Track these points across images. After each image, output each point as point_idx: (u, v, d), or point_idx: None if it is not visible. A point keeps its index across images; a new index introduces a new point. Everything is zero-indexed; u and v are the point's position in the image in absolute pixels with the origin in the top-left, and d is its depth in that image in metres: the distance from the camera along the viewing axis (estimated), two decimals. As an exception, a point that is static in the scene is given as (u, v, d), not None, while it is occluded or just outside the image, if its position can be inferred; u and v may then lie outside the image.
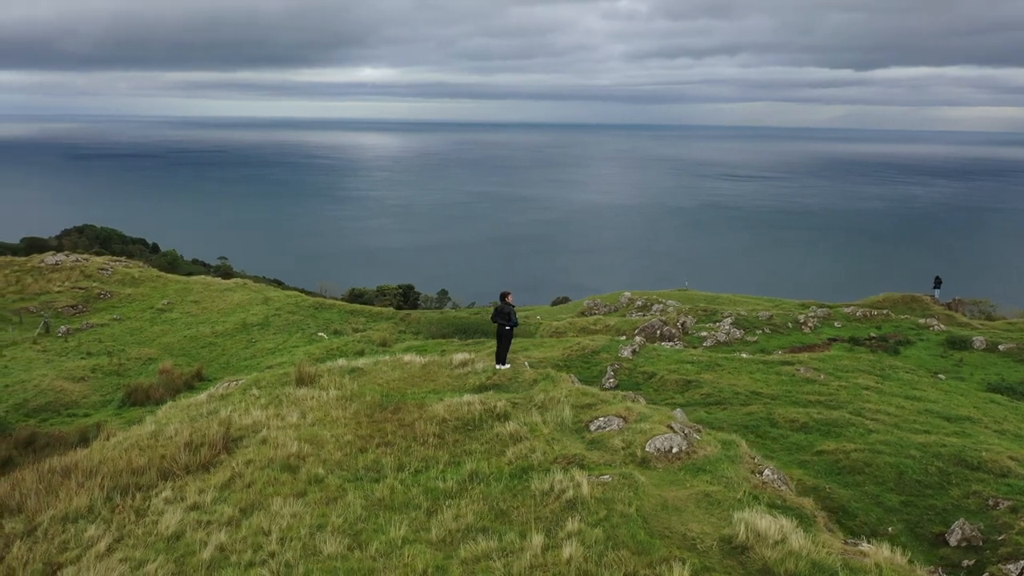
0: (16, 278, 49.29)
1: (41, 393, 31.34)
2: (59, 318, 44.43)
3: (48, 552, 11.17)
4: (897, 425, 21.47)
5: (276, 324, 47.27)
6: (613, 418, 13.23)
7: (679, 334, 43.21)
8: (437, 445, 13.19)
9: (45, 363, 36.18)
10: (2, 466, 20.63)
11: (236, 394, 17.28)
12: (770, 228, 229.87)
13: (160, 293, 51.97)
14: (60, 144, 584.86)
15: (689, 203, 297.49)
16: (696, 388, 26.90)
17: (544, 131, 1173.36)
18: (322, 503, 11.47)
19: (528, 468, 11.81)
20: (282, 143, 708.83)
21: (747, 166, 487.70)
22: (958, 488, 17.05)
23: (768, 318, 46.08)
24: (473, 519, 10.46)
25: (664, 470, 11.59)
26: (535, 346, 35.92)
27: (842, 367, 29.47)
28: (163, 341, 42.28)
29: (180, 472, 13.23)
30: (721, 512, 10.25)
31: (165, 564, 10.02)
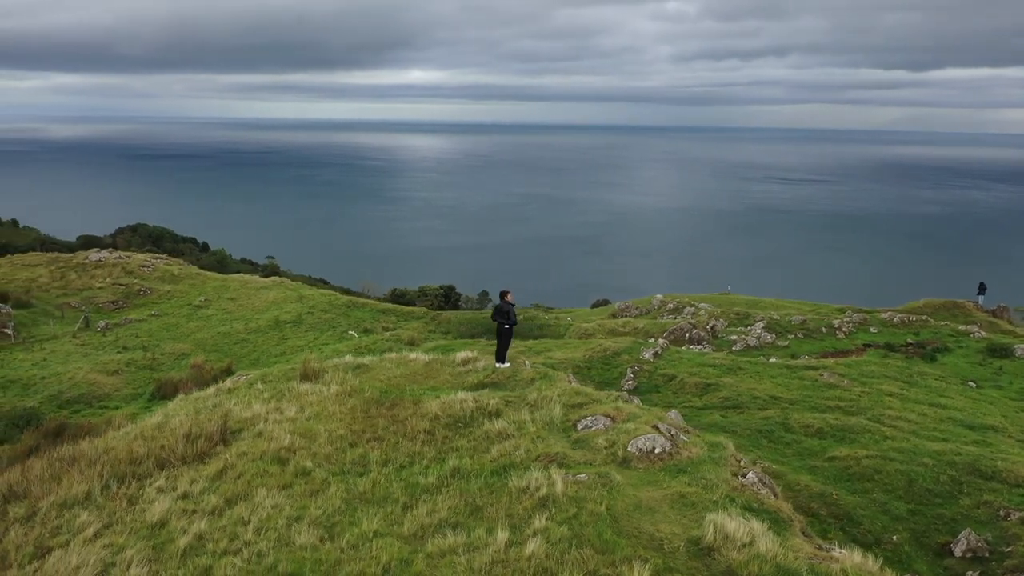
0: (61, 274, 50.87)
1: (75, 385, 32.28)
2: (99, 313, 45.72)
3: (41, 536, 11.54)
4: (915, 432, 20.96)
5: (308, 322, 47.97)
6: (600, 418, 13.17)
7: (708, 337, 42.73)
8: (426, 441, 13.29)
9: (82, 356, 37.27)
10: (29, 455, 21.34)
11: (243, 388, 17.63)
12: (819, 232, 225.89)
13: (198, 290, 53.13)
14: (117, 145, 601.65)
15: (736, 206, 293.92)
16: (715, 391, 26.62)
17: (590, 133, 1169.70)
18: (305, 495, 11.65)
19: (510, 465, 11.84)
20: (331, 144, 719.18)
21: (797, 169, 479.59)
22: (969, 498, 16.58)
23: (801, 322, 45.29)
24: (447, 514, 10.53)
25: (645, 470, 11.51)
26: (559, 347, 35.89)
27: (867, 373, 28.85)
28: (197, 337, 43.22)
29: (177, 462, 13.55)
30: (694, 513, 10.14)
31: (143, 550, 10.29)
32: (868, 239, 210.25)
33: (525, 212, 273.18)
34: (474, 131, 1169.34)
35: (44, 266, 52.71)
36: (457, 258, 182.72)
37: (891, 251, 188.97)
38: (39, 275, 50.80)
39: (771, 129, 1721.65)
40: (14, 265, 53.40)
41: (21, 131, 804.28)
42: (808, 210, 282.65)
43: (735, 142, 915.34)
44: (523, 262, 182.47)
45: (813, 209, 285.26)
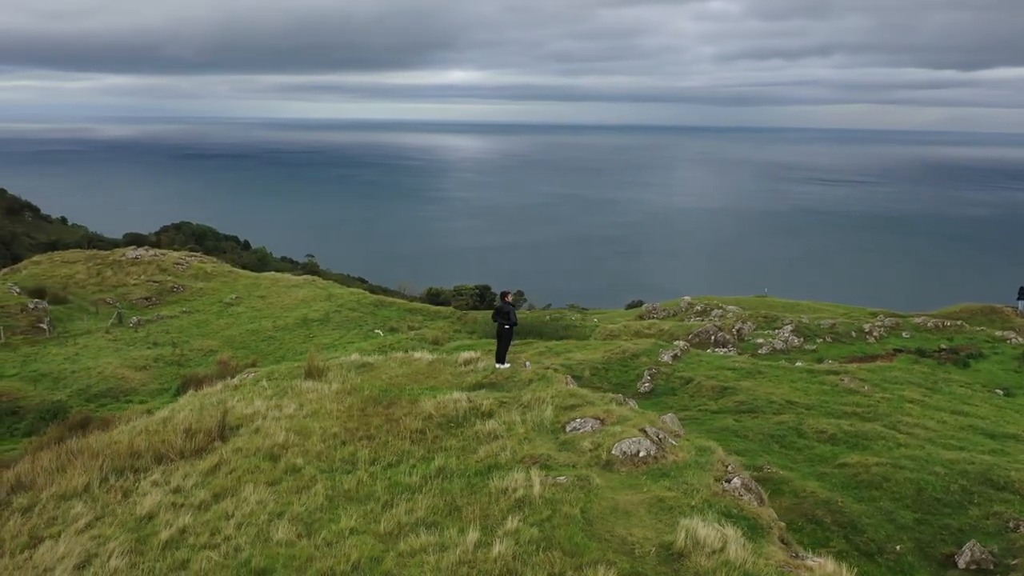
0: (97, 271, 52.13)
1: (104, 380, 33.08)
2: (132, 309, 46.77)
3: (37, 526, 11.88)
4: (931, 440, 20.50)
5: (336, 320, 48.50)
6: (590, 420, 13.14)
7: (734, 340, 42.28)
8: (416, 440, 13.38)
9: (113, 352, 38.16)
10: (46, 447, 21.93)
11: (248, 385, 17.91)
12: (861, 234, 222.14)
13: (230, 288, 54.03)
14: (163, 145, 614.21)
15: (776, 207, 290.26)
16: (731, 395, 26.32)
17: (629, 133, 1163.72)
18: (291, 492, 11.81)
19: (495, 466, 11.87)
20: (371, 144, 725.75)
21: (839, 170, 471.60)
22: (978, 508, 16.17)
23: (831, 326, 44.59)
24: (425, 513, 10.59)
25: (627, 473, 11.45)
26: (580, 348, 35.79)
27: (890, 378, 28.28)
28: (226, 334, 43.98)
29: (175, 457, 13.83)
30: (670, 518, 10.06)
31: (127, 542, 10.53)
32: (910, 241, 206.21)
33: (561, 212, 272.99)
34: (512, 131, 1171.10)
35: (82, 263, 54.08)
36: (493, 258, 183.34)
37: (933, 254, 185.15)
38: (77, 272, 52.13)
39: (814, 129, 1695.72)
40: (54, 262, 54.87)
41: (72, 131, 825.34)
42: (849, 211, 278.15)
43: (777, 142, 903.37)
44: (559, 262, 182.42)
45: (855, 211, 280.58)
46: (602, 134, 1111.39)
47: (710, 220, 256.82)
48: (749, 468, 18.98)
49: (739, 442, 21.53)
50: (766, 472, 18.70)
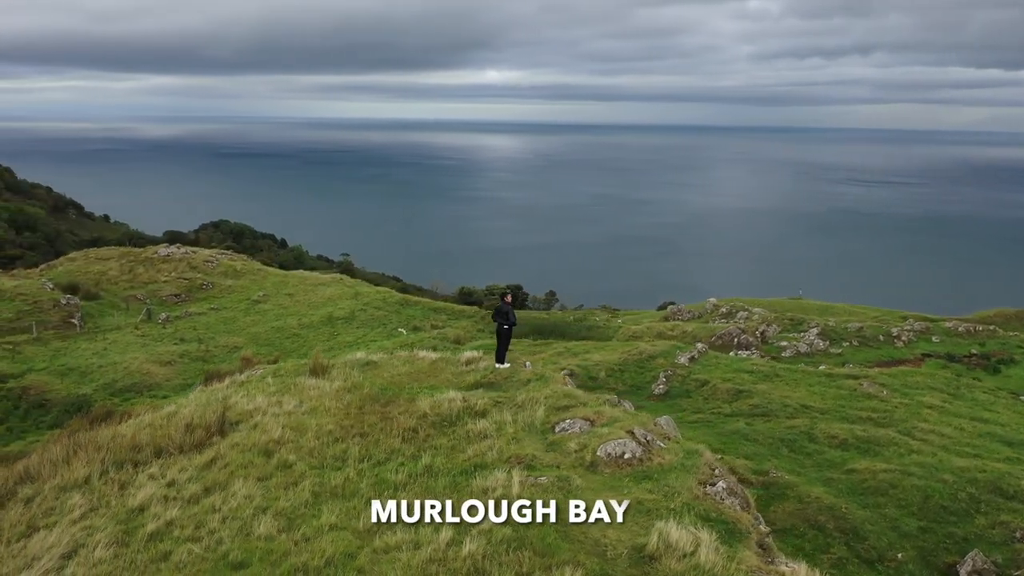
0: (129, 268, 53.23)
1: (129, 374, 33.78)
2: (162, 306, 47.70)
3: (35, 516, 12.20)
4: (945, 447, 20.13)
5: (361, 319, 48.94)
6: (579, 421, 13.13)
7: (757, 343, 41.89)
8: (408, 439, 13.48)
9: (141, 347, 38.94)
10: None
11: (254, 381, 18.19)
12: (901, 236, 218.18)
13: (258, 286, 54.81)
14: (204, 144, 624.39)
15: (814, 208, 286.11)
16: (746, 398, 26.11)
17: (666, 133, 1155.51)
18: (280, 487, 11.97)
19: (481, 466, 11.92)
20: (408, 144, 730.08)
21: (879, 170, 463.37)
22: (985, 517, 15.85)
23: (858, 330, 44.01)
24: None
25: (610, 475, 11.43)
26: (598, 349, 35.74)
27: (911, 384, 27.80)
28: (252, 331, 44.62)
29: (174, 451, 14.09)
30: (646, 521, 10.03)
31: (114, 533, 10.77)
32: (951, 244, 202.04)
33: (596, 212, 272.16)
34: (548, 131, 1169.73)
35: (115, 260, 55.26)
36: (526, 258, 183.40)
37: (975, 257, 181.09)
38: (110, 268, 53.28)
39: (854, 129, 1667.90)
40: (88, 259, 56.14)
41: (117, 130, 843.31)
42: (889, 213, 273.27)
43: (816, 143, 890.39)
44: (593, 262, 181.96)
45: (894, 212, 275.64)
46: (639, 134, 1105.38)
47: (747, 221, 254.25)
48: (755, 472, 18.86)
49: (749, 446, 21.36)
50: (771, 477, 18.53)
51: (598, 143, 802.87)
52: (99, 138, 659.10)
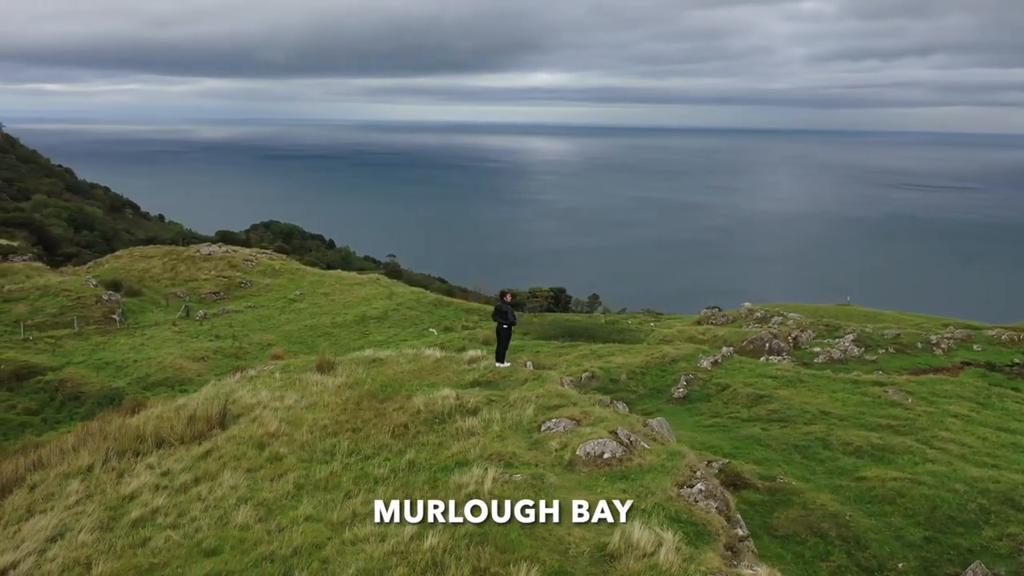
0: (172, 266, 54.69)
1: (162, 369, 34.72)
2: (200, 303, 48.87)
3: (35, 501, 12.69)
4: (963, 456, 19.61)
5: (393, 318, 49.47)
6: (564, 420, 13.15)
7: (789, 348, 41.26)
8: (398, 435, 13.66)
9: (176, 343, 39.98)
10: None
11: (264, 376, 18.58)
12: (960, 242, 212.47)
13: (295, 284, 55.80)
14: (256, 145, 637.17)
15: (869, 213, 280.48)
16: (765, 403, 25.78)
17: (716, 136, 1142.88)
18: (266, 479, 12.24)
19: (462, 462, 12.01)
20: (455, 146, 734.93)
21: (938, 175, 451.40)
22: (993, 528, 15.41)
23: (895, 336, 43.08)
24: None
25: (587, 474, 11.43)
26: (622, 352, 35.58)
27: (939, 391, 27.11)
28: (285, 329, 45.45)
29: (175, 442, 14.50)
30: (614, 520, 10.02)
31: (100, 518, 11.15)
32: (1013, 250, 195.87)
33: (642, 216, 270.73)
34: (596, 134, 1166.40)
35: (159, 258, 56.82)
36: (571, 260, 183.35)
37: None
38: (153, 266, 54.81)
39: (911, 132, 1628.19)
40: (133, 257, 57.82)
41: (173, 132, 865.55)
42: (947, 218, 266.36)
43: (872, 146, 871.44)
44: (638, 265, 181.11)
45: (953, 218, 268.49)
46: (688, 137, 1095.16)
47: (797, 225, 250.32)
48: (762, 478, 18.64)
49: (761, 451, 21.10)
50: (779, 482, 18.29)
51: (645, 146, 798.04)
52: (155, 140, 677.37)
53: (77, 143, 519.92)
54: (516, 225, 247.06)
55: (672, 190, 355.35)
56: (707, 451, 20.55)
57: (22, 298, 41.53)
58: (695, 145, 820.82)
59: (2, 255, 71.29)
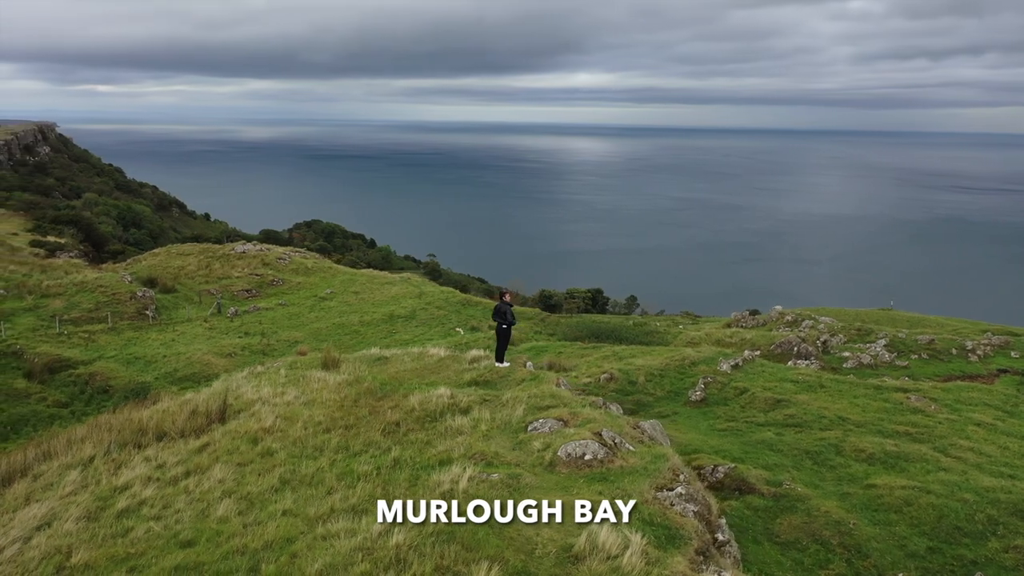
0: (207, 263, 55.72)
1: (190, 364, 35.38)
2: (232, 300, 49.70)
3: (34, 490, 13.05)
4: (979, 465, 19.07)
5: (421, 317, 49.76)
6: (551, 420, 13.12)
7: (817, 353, 40.58)
8: (389, 432, 13.77)
9: (206, 339, 40.72)
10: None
11: (270, 372, 18.86)
12: (1011, 247, 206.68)
13: (327, 283, 56.45)
14: (299, 146, 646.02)
15: (916, 216, 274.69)
16: (783, 408, 25.34)
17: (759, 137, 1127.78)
18: (254, 473, 12.43)
19: (445, 461, 12.07)
20: (496, 147, 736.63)
21: (989, 177, 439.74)
22: (1000, 540, 14.98)
23: (928, 342, 42.12)
24: (357, 500, 10.93)
25: (566, 475, 11.40)
26: (643, 354, 35.30)
27: (964, 399, 26.38)
28: (314, 327, 45.99)
29: (175, 435, 14.80)
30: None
31: (88, 508, 11.43)
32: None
33: (683, 217, 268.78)
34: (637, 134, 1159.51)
35: (194, 256, 57.95)
36: (610, 261, 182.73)
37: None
38: (188, 264, 55.91)
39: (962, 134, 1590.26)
40: (170, 254, 59.05)
41: (218, 132, 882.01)
42: (998, 222, 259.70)
43: (920, 147, 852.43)
44: (678, 267, 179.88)
45: (1005, 221, 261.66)
46: (731, 138, 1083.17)
47: (842, 228, 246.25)
48: (768, 483, 18.38)
49: (771, 456, 20.78)
50: (784, 488, 18.00)
51: (687, 146, 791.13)
52: (201, 140, 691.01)
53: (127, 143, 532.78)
54: (556, 226, 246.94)
55: (714, 191, 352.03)
56: (716, 455, 20.31)
57: (60, 293, 42.73)
58: (738, 146, 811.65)
59: (49, 252, 73.45)
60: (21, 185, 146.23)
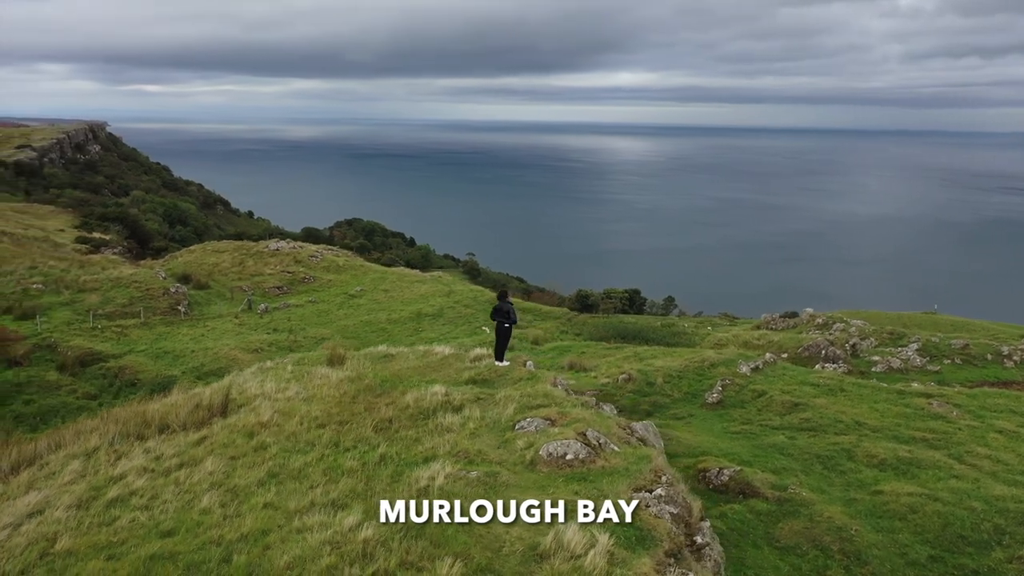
0: (240, 260, 56.69)
1: (217, 359, 36.06)
2: (263, 297, 50.50)
3: (37, 479, 13.46)
4: (994, 474, 18.60)
5: (448, 315, 50.04)
6: (537, 419, 13.13)
7: (846, 356, 39.99)
8: (381, 429, 13.92)
9: (235, 335, 41.44)
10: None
11: (277, 368, 19.17)
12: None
13: (357, 281, 57.04)
14: (341, 145, 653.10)
15: (964, 218, 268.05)
16: (800, 412, 25.00)
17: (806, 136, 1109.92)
18: (245, 466, 12.66)
19: (431, 458, 12.18)
20: (537, 146, 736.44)
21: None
22: (1005, 550, 14.59)
23: (962, 347, 41.24)
24: (338, 495, 11.09)
25: (546, 475, 11.42)
26: (664, 355, 35.12)
27: (990, 405, 25.71)
28: (342, 324, 46.52)
29: (177, 428, 15.14)
30: (555, 520, 10.00)
31: (81, 496, 11.75)
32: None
33: (725, 217, 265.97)
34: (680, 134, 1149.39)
35: (229, 252, 58.99)
36: (650, 261, 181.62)
37: None
38: (223, 260, 56.94)
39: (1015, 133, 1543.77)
40: (206, 251, 60.21)
41: (263, 131, 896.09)
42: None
43: (972, 147, 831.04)
44: (718, 267, 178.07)
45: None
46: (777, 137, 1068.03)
47: (887, 229, 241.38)
48: (773, 487, 18.17)
49: (781, 460, 20.52)
50: (789, 493, 17.78)
51: (731, 146, 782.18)
52: (247, 139, 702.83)
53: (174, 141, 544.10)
54: (597, 225, 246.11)
55: (758, 191, 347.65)
56: (723, 458, 20.12)
57: (96, 288, 43.87)
58: (784, 145, 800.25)
59: (94, 247, 75.43)
60: (72, 183, 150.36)
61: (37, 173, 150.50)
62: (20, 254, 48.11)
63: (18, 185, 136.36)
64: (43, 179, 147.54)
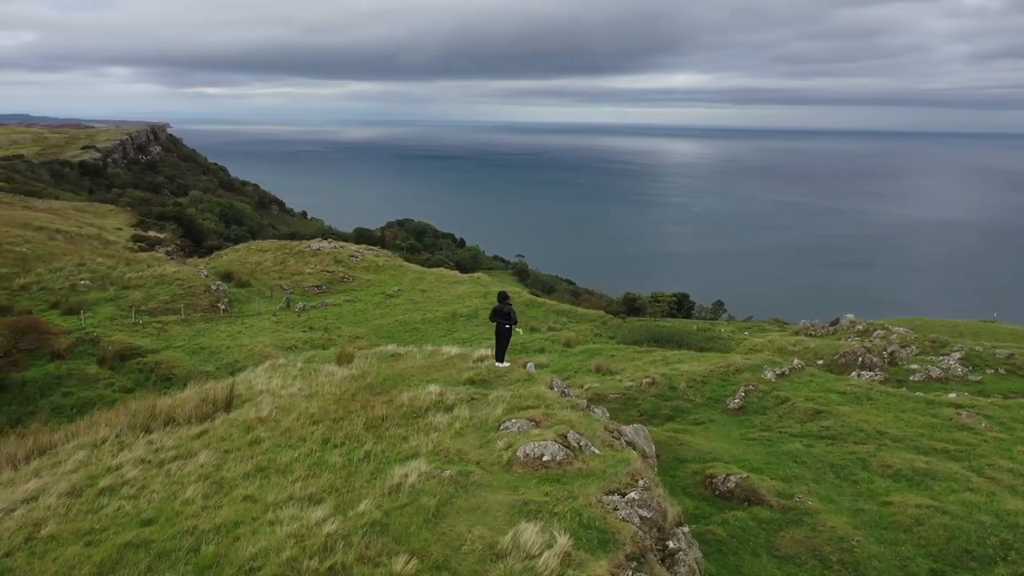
0: (281, 259, 57.82)
1: (251, 356, 36.85)
2: (302, 296, 51.42)
3: (44, 466, 14.02)
4: (1012, 487, 18.00)
5: (482, 316, 50.26)
6: (522, 421, 13.18)
7: (882, 364, 39.01)
8: (373, 427, 14.13)
9: (271, 332, 42.30)
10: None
11: (288, 366, 19.57)
12: None
13: (396, 281, 57.68)
14: (395, 146, 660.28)
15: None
16: (822, 419, 24.55)
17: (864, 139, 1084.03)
18: (236, 460, 12.99)
19: (413, 456, 12.34)
20: (590, 148, 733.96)
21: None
22: (1008, 566, 14.14)
23: (1007, 356, 39.93)
24: (316, 490, 11.33)
25: (520, 475, 11.46)
26: (691, 359, 34.81)
27: (1021, 417, 24.85)
28: (377, 323, 47.12)
29: (182, 421, 15.61)
30: (517, 521, 10.05)
31: (75, 485, 12.21)
32: None
33: (781, 220, 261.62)
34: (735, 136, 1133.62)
35: (272, 252, 60.23)
36: (701, 265, 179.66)
37: None
38: (265, 259, 58.16)
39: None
40: (250, 250, 61.56)
41: (318, 133, 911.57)
42: None
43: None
44: (773, 272, 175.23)
45: None
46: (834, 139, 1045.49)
47: (947, 234, 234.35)
48: (780, 495, 17.94)
49: (793, 468, 20.21)
50: (795, 501, 17.53)
51: (786, 148, 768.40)
52: (302, 140, 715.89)
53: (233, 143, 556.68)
54: (648, 228, 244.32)
55: (813, 194, 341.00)
56: (733, 464, 19.90)
57: (139, 285, 45.28)
58: (842, 148, 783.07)
59: (148, 246, 77.73)
60: (133, 182, 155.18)
61: (100, 173, 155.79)
62: (71, 251, 49.97)
63: (82, 184, 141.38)
64: (106, 179, 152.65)
